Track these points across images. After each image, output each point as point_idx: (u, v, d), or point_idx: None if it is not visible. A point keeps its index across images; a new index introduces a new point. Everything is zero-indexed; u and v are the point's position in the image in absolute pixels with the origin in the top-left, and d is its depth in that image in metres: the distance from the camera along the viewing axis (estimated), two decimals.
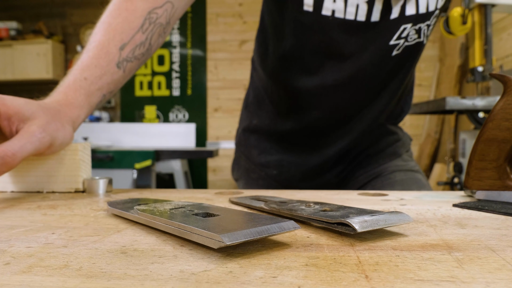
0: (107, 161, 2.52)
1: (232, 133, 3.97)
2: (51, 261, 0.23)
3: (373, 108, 0.73)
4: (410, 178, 0.76)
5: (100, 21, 0.56)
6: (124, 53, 0.55)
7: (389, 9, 0.62)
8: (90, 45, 0.55)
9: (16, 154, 0.41)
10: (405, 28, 0.64)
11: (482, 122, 1.74)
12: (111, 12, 0.56)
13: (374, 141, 0.80)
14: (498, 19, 2.42)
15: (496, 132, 0.41)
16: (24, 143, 0.42)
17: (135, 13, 0.56)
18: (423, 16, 0.64)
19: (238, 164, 0.90)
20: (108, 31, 0.55)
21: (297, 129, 0.76)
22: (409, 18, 0.63)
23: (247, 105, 0.86)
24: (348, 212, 0.30)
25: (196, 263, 0.23)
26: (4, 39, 4.24)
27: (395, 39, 0.65)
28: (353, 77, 0.68)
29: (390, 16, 0.63)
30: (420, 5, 0.63)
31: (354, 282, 0.20)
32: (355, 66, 0.67)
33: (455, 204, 0.41)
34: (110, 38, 0.54)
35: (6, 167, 0.41)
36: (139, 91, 4.14)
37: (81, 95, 0.52)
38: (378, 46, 0.65)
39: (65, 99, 0.51)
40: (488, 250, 0.25)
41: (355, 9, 0.62)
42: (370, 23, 0.63)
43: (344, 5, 0.61)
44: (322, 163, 0.77)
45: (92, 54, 0.54)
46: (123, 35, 0.55)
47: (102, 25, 0.55)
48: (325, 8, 0.62)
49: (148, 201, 0.38)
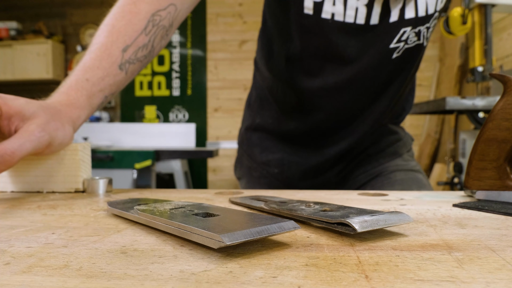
0: (107, 161, 2.52)
1: (232, 133, 3.97)
2: (51, 261, 0.23)
3: (374, 110, 0.73)
4: (410, 178, 0.76)
5: (103, 23, 0.56)
6: (127, 55, 0.55)
7: (388, 12, 0.62)
8: (93, 46, 0.55)
9: (15, 152, 0.41)
10: (405, 31, 0.64)
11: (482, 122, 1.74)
12: (114, 15, 0.56)
13: (374, 141, 0.80)
14: (498, 19, 2.42)
15: (496, 132, 0.41)
16: (23, 141, 0.42)
17: (139, 16, 0.56)
18: (423, 19, 0.64)
19: (241, 163, 0.90)
20: (111, 33, 0.55)
21: (300, 129, 0.76)
22: (409, 21, 0.63)
23: (250, 105, 0.87)
24: (348, 212, 0.30)
25: (196, 263, 0.23)
26: (4, 39, 4.24)
27: (395, 42, 0.65)
28: (353, 80, 0.68)
29: (389, 19, 0.63)
30: (419, 8, 0.63)
31: (354, 282, 0.20)
32: (356, 69, 0.67)
33: (455, 204, 0.41)
34: (113, 40, 0.54)
35: (5, 165, 0.41)
36: (139, 91, 4.15)
37: (82, 96, 0.52)
38: (378, 49, 0.65)
39: (66, 99, 0.51)
40: (488, 250, 0.25)
41: (355, 12, 0.62)
42: (370, 26, 0.63)
43: (343, 8, 0.62)
44: (323, 162, 0.77)
45: (95, 55, 0.54)
46: (126, 37, 0.55)
47: (106, 27, 0.56)
48: (325, 12, 0.62)
49: (148, 201, 0.38)
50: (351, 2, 0.61)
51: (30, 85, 4.44)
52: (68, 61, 4.41)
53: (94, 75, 0.53)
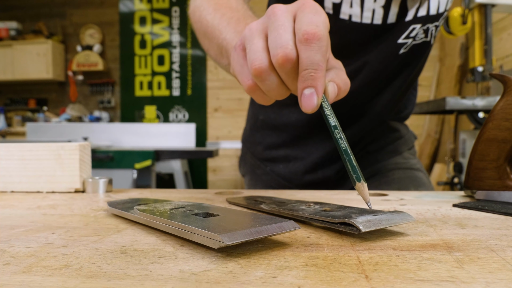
0: (107, 161, 2.52)
1: (232, 133, 3.97)
2: (51, 261, 0.23)
3: (377, 103, 0.73)
4: (408, 177, 0.76)
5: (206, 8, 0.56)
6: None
7: (405, 12, 0.63)
8: (223, 16, 0.53)
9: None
10: (414, 28, 0.65)
11: (482, 122, 1.74)
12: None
13: (374, 138, 0.80)
14: (498, 19, 2.42)
15: (496, 132, 0.41)
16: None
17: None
18: (433, 17, 0.65)
19: (244, 161, 0.92)
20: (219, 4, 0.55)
21: (302, 120, 0.77)
22: (420, 19, 0.64)
23: (253, 102, 0.88)
24: (349, 212, 0.30)
25: (196, 263, 0.23)
26: (4, 39, 4.24)
27: (403, 38, 0.66)
28: (359, 72, 0.69)
29: (405, 18, 0.64)
30: (431, 6, 0.64)
31: (354, 282, 0.20)
32: (362, 62, 0.68)
33: (455, 204, 0.41)
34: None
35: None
36: (139, 91, 4.15)
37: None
38: (387, 44, 0.66)
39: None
40: (488, 250, 0.25)
41: (371, 14, 0.63)
42: (387, 25, 0.65)
43: (360, 10, 0.63)
44: (324, 155, 0.78)
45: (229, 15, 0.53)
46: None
47: (211, 11, 0.55)
48: (343, 13, 0.64)
49: (148, 201, 0.38)
50: (368, 4, 0.62)
51: (30, 85, 4.44)
52: (68, 61, 4.41)
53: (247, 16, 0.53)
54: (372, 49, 0.67)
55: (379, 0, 0.62)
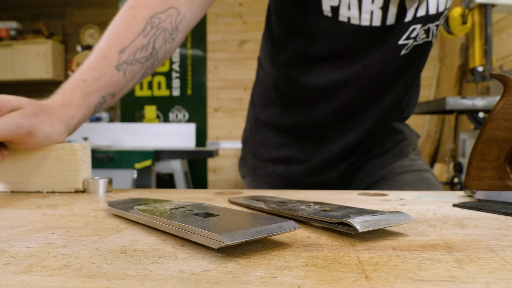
0: (107, 161, 2.52)
1: (232, 133, 3.97)
2: (51, 261, 0.23)
3: (379, 105, 0.73)
4: (419, 179, 0.76)
5: (105, 30, 0.59)
6: (124, 56, 0.56)
7: (404, 12, 0.63)
8: (92, 51, 0.57)
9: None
10: (415, 28, 0.65)
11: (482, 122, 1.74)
12: (114, 21, 0.58)
13: (378, 142, 0.79)
14: (498, 19, 2.42)
15: (496, 132, 0.41)
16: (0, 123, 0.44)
17: (137, 19, 0.57)
18: (433, 17, 0.65)
19: (245, 161, 0.91)
20: (110, 37, 0.57)
21: (304, 122, 0.77)
22: (420, 19, 0.64)
23: (253, 102, 0.87)
24: (348, 212, 0.30)
25: (196, 263, 0.23)
26: (4, 39, 4.24)
27: (404, 39, 0.66)
28: (361, 74, 0.69)
29: (404, 19, 0.64)
30: (430, 6, 0.64)
31: (354, 282, 0.20)
32: (364, 64, 0.68)
33: (455, 204, 0.41)
34: (111, 44, 0.56)
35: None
36: (139, 91, 4.14)
37: (77, 96, 0.54)
38: (388, 46, 0.66)
39: (61, 99, 0.53)
40: (488, 250, 0.25)
41: (370, 16, 0.63)
42: (386, 26, 0.64)
43: (358, 13, 0.63)
44: (327, 158, 0.77)
45: (93, 58, 0.56)
46: (123, 39, 0.56)
47: (106, 33, 0.58)
48: (341, 15, 0.64)
49: (148, 201, 0.38)
50: (366, 6, 0.62)
51: (30, 85, 4.43)
52: (68, 61, 4.41)
53: (90, 76, 0.54)
54: (373, 51, 0.67)
55: (377, 2, 0.62)
